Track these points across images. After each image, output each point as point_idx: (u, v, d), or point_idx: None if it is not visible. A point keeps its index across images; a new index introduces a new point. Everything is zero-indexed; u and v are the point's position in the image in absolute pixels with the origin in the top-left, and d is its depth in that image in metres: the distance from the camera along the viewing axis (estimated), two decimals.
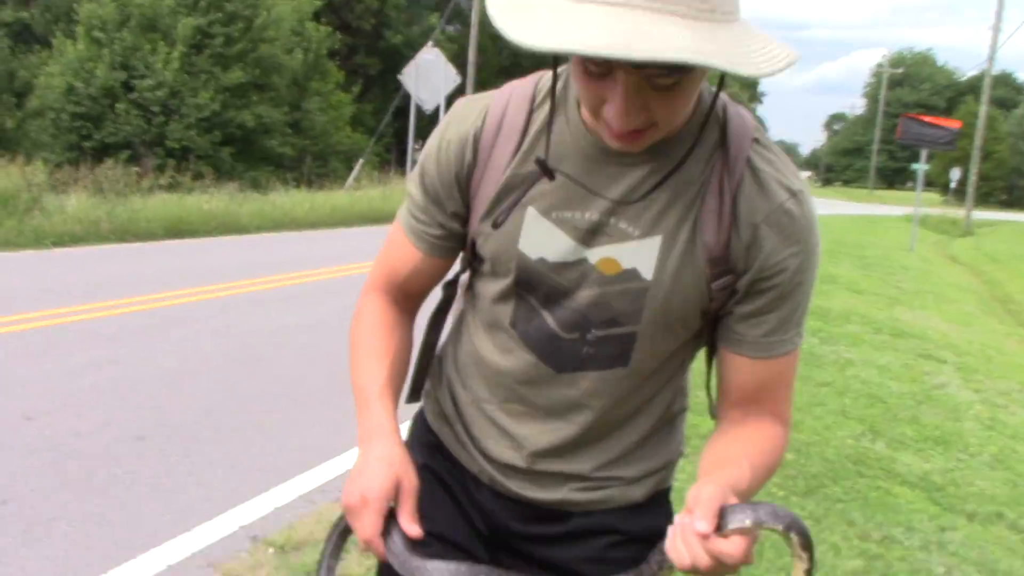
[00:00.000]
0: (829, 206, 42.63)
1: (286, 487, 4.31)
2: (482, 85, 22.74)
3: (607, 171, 1.26)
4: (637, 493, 1.46)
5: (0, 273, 9.82)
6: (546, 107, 1.31)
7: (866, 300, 12.72)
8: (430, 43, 23.01)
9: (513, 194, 1.30)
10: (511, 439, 1.43)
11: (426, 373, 1.57)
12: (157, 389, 5.73)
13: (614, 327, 1.30)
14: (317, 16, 32.16)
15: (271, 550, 3.63)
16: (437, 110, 20.98)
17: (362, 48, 38.41)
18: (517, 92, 1.34)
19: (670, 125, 1.18)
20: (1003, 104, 74.40)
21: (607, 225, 1.26)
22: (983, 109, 35.06)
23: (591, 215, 1.27)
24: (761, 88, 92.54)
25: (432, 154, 1.37)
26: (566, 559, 1.45)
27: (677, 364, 1.41)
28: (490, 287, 1.39)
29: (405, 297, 1.50)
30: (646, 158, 1.24)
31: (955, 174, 38.04)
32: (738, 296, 1.28)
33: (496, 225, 1.31)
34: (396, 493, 1.27)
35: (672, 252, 1.25)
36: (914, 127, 21.14)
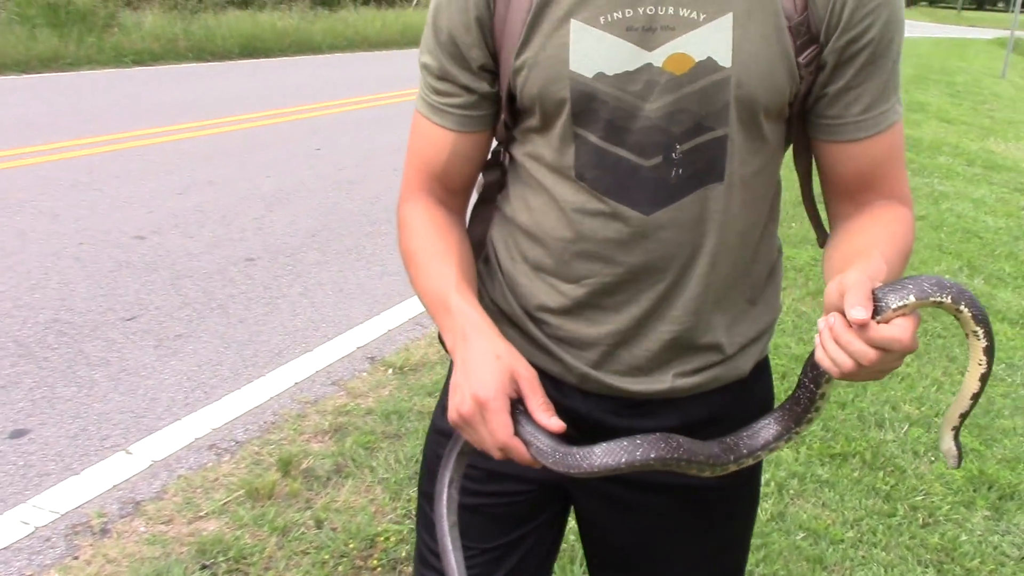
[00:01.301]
0: (914, 28, 40.78)
1: (396, 311, 4.43)
2: None
3: None
4: (745, 365, 1.27)
5: (87, 91, 9.91)
6: None
7: (957, 130, 12.32)
8: None
9: (552, 9, 1.10)
10: (603, 318, 1.21)
11: (475, 273, 1.32)
12: (259, 211, 5.84)
13: (700, 135, 1.11)
14: None
15: (390, 371, 3.77)
16: None
17: None
18: None
19: None
20: None
21: (665, 16, 1.08)
22: None
23: (644, 8, 1.08)
24: None
25: (442, 5, 1.18)
26: None
27: (771, 182, 1.22)
28: (542, 146, 1.18)
29: (449, 194, 1.29)
30: None
31: None
32: (827, 71, 1.12)
33: (539, 51, 1.12)
34: (515, 387, 1.08)
35: (748, 28, 1.08)
36: None
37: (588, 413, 1.25)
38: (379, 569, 2.52)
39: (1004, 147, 11.49)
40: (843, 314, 0.93)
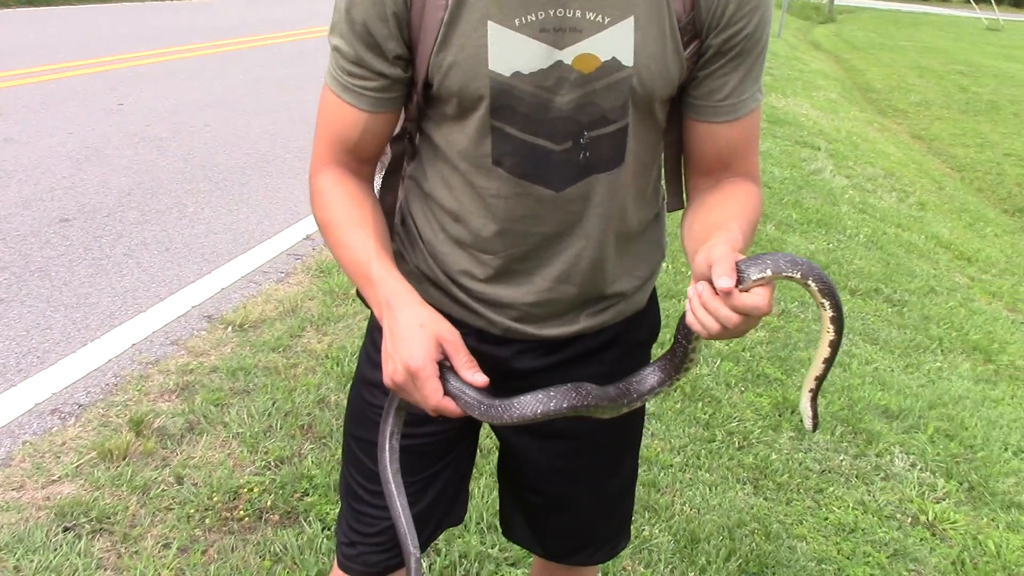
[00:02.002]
0: None
1: (228, 268, 4.41)
2: None
3: None
4: (642, 298, 1.46)
5: None
6: None
7: None
8: None
9: (468, 10, 1.18)
10: (523, 281, 1.35)
11: (389, 239, 1.40)
12: (67, 169, 5.60)
13: (605, 126, 1.24)
14: None
15: (229, 328, 3.77)
16: None
17: None
18: None
19: None
20: None
21: (573, 18, 1.17)
22: None
23: (555, 10, 1.17)
24: None
25: None
26: (578, 380, 1.33)
27: (659, 149, 1.36)
28: (458, 133, 1.27)
29: (360, 163, 1.35)
30: None
31: None
32: (703, 60, 1.24)
33: (459, 51, 1.20)
34: (441, 350, 1.20)
35: (647, 30, 1.19)
36: None
37: (508, 358, 1.40)
38: (246, 519, 2.59)
39: (784, 102, 12.33)
40: (711, 283, 1.06)
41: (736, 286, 1.04)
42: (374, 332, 1.46)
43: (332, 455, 2.89)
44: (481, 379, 1.19)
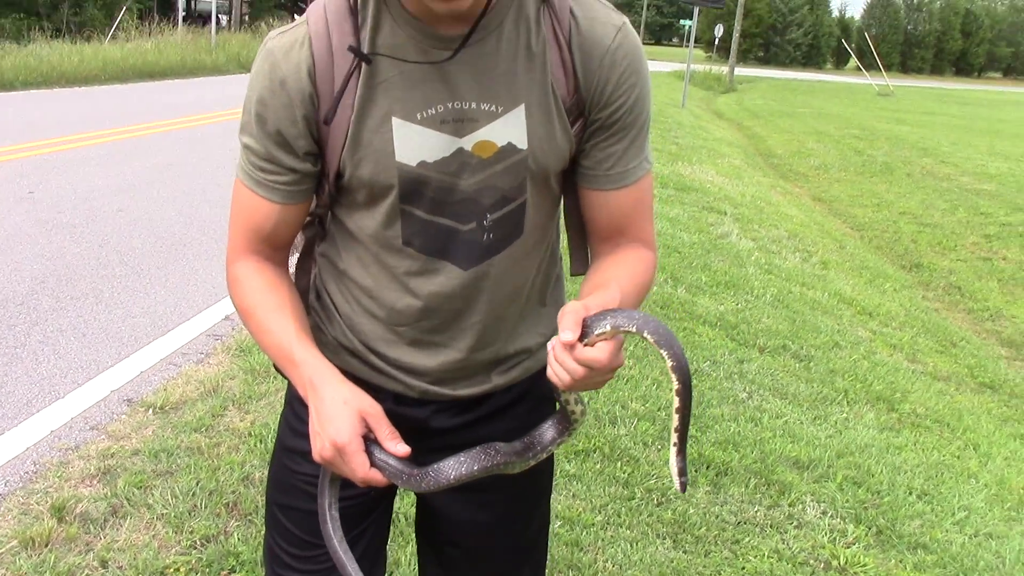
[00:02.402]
0: None
1: (147, 352, 4.41)
2: None
3: (444, 52, 1.28)
4: (545, 354, 1.60)
5: None
6: (370, 9, 1.29)
7: None
8: None
9: (373, 109, 1.28)
10: (437, 351, 1.44)
11: (307, 321, 1.47)
12: None
13: (506, 205, 1.34)
14: None
15: (150, 411, 3.77)
16: None
17: None
18: (331, 6, 1.30)
19: None
20: None
21: (470, 109, 1.28)
22: None
23: (452, 103, 1.28)
24: None
25: (266, 99, 1.30)
26: (492, 435, 1.41)
27: (556, 215, 1.47)
28: (368, 218, 1.37)
29: (274, 250, 1.44)
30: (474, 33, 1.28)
31: (718, 31, 39.85)
32: (588, 132, 1.34)
33: (369, 146, 1.30)
34: (365, 424, 1.29)
35: (537, 115, 1.30)
36: None
37: (426, 418, 1.49)
38: None
39: (690, 170, 12.73)
40: None
41: (581, 340, 1.14)
42: (294, 402, 1.53)
43: (258, 531, 2.91)
44: (403, 449, 1.28)
